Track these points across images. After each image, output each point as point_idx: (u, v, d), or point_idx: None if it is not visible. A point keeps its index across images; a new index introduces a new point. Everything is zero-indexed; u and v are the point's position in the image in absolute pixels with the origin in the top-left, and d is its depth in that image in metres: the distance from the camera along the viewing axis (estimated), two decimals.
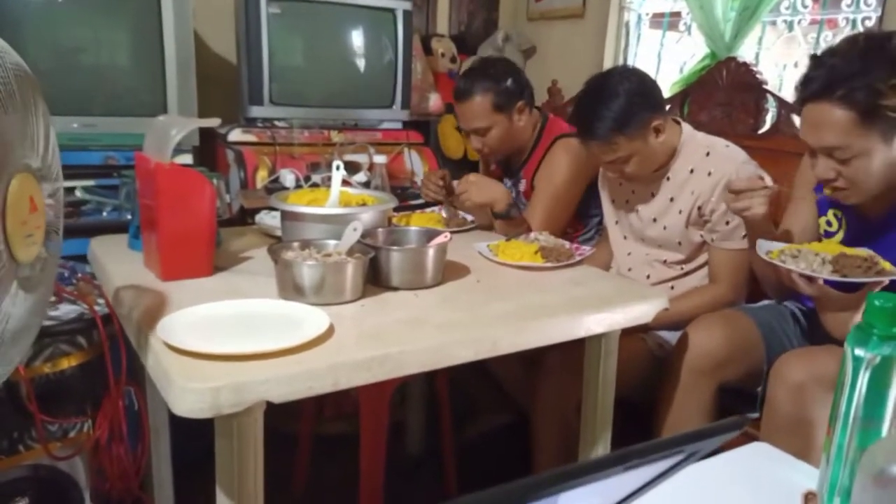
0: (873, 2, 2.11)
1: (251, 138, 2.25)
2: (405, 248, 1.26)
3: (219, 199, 1.30)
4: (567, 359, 1.49)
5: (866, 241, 1.28)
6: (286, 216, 1.33)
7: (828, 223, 1.42)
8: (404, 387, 2.00)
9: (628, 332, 1.32)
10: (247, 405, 0.84)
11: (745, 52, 2.40)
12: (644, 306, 1.23)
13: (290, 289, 1.11)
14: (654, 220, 1.68)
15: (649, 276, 1.72)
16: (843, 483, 0.66)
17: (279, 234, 1.41)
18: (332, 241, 1.21)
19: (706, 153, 1.60)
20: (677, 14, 2.73)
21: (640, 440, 0.39)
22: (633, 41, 2.89)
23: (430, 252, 1.22)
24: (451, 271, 1.30)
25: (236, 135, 2.24)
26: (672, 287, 1.68)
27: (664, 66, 2.79)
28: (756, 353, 1.49)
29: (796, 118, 1.96)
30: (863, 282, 1.16)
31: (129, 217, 1.40)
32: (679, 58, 2.75)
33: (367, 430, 1.44)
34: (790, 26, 2.38)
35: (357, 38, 2.43)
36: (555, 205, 1.83)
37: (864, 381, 0.64)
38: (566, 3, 3.03)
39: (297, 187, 2.01)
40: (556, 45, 3.13)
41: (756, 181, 1.32)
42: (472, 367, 1.14)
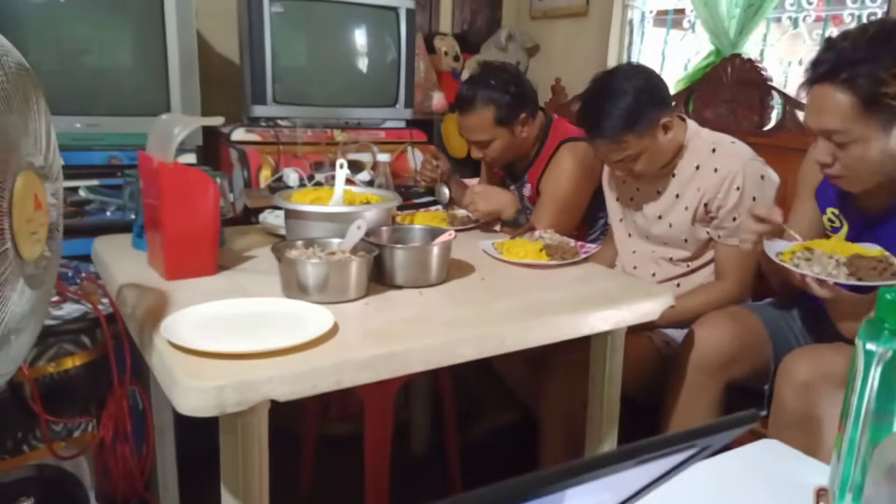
0: None
1: (254, 137, 2.25)
2: (409, 246, 1.25)
3: (222, 198, 1.30)
4: (573, 358, 1.48)
5: (867, 237, 1.27)
6: (290, 215, 1.33)
7: (830, 220, 1.41)
8: (409, 386, 2.00)
9: (634, 330, 1.31)
10: (251, 404, 0.83)
11: (750, 49, 2.39)
12: (650, 304, 1.22)
13: (295, 287, 1.10)
14: (660, 218, 1.67)
15: (655, 274, 1.71)
16: (854, 479, 0.66)
17: (283, 232, 1.41)
18: (336, 240, 1.21)
19: (712, 149, 1.59)
20: (681, 11, 2.72)
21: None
22: (636, 39, 2.88)
23: (435, 250, 1.21)
24: (455, 269, 1.30)
25: (240, 134, 2.24)
26: (678, 284, 1.67)
27: (668, 64, 2.78)
28: (763, 350, 1.48)
29: (801, 114, 1.95)
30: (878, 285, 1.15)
31: (133, 216, 1.40)
32: (683, 55, 2.74)
33: (371, 429, 1.44)
34: (795, 23, 2.37)
35: (360, 37, 2.43)
36: (561, 212, 1.80)
37: (875, 375, 0.63)
38: (569, 2, 3.02)
39: (301, 186, 2.00)
40: (559, 43, 3.12)
41: (776, 214, 1.27)
42: (477, 365, 1.14)
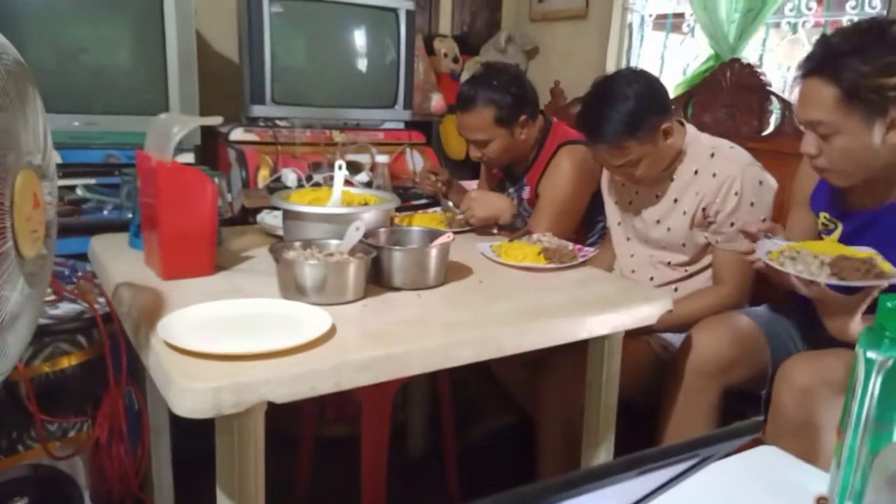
0: (878, 3, 2.10)
1: (253, 137, 2.24)
2: (408, 248, 1.25)
3: (220, 198, 1.29)
4: (571, 362, 1.48)
5: (858, 240, 1.28)
6: (288, 215, 1.32)
7: (823, 223, 1.42)
8: (406, 388, 1.99)
9: (632, 335, 1.31)
10: (248, 405, 0.83)
11: (749, 54, 2.39)
12: (648, 308, 1.22)
13: (292, 288, 1.10)
14: (658, 222, 1.67)
15: (653, 278, 1.71)
16: (854, 487, 0.65)
17: (281, 233, 1.41)
18: (335, 241, 1.20)
19: (711, 154, 1.58)
20: (680, 15, 2.72)
21: (643, 443, 0.38)
22: (636, 42, 2.88)
23: (433, 252, 1.21)
24: (453, 272, 1.29)
25: (238, 134, 2.23)
26: (676, 289, 1.67)
27: (667, 68, 2.78)
28: (761, 355, 1.48)
29: None
30: (860, 286, 1.15)
31: (130, 216, 1.39)
32: (682, 59, 2.74)
33: (368, 431, 1.43)
34: (794, 28, 2.37)
35: (359, 38, 2.43)
36: (560, 216, 1.79)
37: (876, 383, 0.63)
38: (569, 4, 3.02)
39: (299, 187, 2.00)
40: (558, 45, 3.12)
41: (773, 229, 1.32)
42: (475, 368, 1.13)
